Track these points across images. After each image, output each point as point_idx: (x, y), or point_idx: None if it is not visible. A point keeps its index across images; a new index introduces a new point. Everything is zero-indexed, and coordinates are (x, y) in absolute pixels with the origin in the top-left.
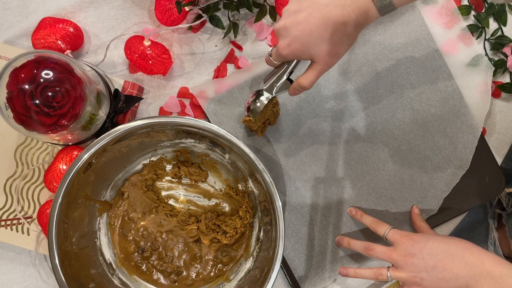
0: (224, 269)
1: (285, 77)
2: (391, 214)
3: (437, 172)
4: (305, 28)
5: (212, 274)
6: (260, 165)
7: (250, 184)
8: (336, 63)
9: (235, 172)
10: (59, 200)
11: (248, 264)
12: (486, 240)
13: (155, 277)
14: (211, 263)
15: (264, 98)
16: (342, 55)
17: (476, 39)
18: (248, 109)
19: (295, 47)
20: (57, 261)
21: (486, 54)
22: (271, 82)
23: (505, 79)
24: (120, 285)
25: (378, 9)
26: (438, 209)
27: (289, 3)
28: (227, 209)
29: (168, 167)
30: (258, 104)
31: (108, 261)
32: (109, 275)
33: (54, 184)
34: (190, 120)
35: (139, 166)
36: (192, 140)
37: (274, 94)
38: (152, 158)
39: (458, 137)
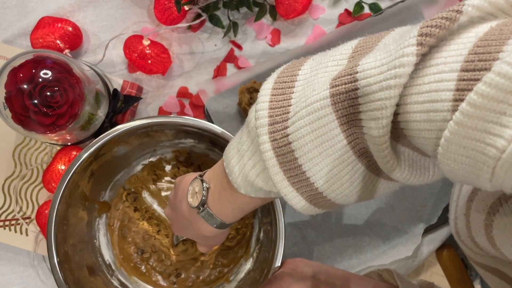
0: (225, 271)
1: None
2: (390, 222)
3: (438, 182)
4: None
5: (212, 276)
6: None
7: None
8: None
9: None
10: (58, 200)
11: (248, 265)
12: None
13: (154, 278)
14: (211, 265)
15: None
16: (215, 243)
17: None
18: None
19: None
20: (55, 261)
21: None
22: None
23: None
24: (119, 286)
25: (219, 228)
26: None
27: None
28: None
29: (168, 168)
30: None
31: (108, 262)
32: (108, 276)
33: (53, 185)
34: (189, 120)
35: (139, 167)
36: (192, 140)
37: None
38: (151, 159)
39: None
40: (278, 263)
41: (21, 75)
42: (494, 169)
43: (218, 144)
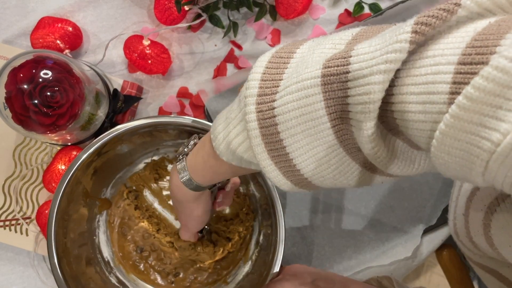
0: (223, 273)
1: None
2: (389, 223)
3: (438, 183)
4: None
5: (210, 278)
6: None
7: (252, 187)
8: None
9: None
10: (58, 201)
11: (247, 267)
12: None
13: (152, 277)
14: (210, 269)
15: None
16: (194, 224)
17: None
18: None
19: None
20: (55, 260)
21: None
22: None
23: None
24: (117, 284)
25: (186, 186)
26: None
27: None
28: (227, 211)
29: (170, 167)
30: None
31: (106, 259)
32: (107, 273)
33: (53, 185)
34: (192, 120)
35: (141, 165)
36: None
37: None
38: (154, 157)
39: None
40: (277, 266)
41: (21, 75)
42: (487, 163)
43: None
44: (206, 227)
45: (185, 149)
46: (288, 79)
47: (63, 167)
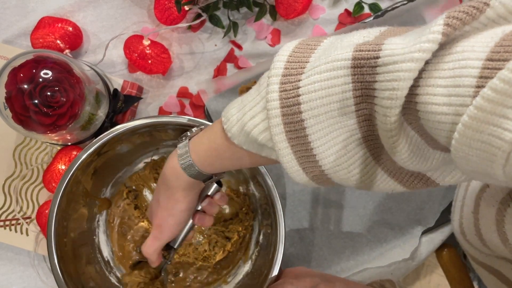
0: (223, 272)
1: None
2: (388, 224)
3: None
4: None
5: (210, 277)
6: (263, 169)
7: (252, 186)
8: (174, 231)
9: (237, 174)
10: (58, 200)
11: (247, 267)
12: None
13: None
14: (210, 268)
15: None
16: (172, 224)
17: None
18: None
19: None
20: (56, 261)
21: None
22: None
23: None
24: (117, 283)
25: (183, 170)
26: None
27: None
28: (227, 211)
29: None
30: None
31: (106, 259)
32: (107, 273)
33: (53, 185)
34: (188, 119)
35: (141, 165)
36: None
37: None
38: (154, 157)
39: None
40: (277, 266)
41: (21, 75)
42: (509, 155)
43: None
44: (170, 256)
45: (189, 133)
46: (315, 61)
47: (63, 167)
